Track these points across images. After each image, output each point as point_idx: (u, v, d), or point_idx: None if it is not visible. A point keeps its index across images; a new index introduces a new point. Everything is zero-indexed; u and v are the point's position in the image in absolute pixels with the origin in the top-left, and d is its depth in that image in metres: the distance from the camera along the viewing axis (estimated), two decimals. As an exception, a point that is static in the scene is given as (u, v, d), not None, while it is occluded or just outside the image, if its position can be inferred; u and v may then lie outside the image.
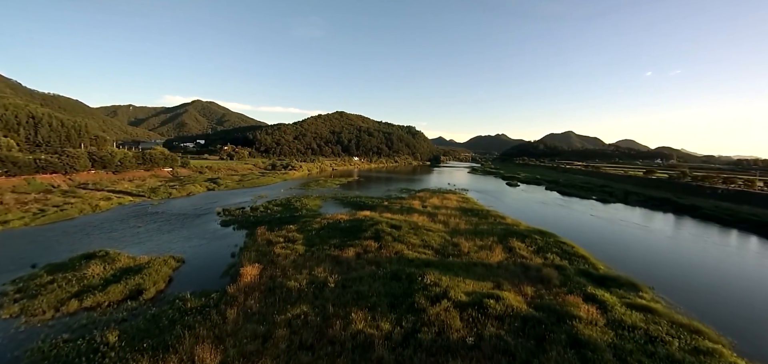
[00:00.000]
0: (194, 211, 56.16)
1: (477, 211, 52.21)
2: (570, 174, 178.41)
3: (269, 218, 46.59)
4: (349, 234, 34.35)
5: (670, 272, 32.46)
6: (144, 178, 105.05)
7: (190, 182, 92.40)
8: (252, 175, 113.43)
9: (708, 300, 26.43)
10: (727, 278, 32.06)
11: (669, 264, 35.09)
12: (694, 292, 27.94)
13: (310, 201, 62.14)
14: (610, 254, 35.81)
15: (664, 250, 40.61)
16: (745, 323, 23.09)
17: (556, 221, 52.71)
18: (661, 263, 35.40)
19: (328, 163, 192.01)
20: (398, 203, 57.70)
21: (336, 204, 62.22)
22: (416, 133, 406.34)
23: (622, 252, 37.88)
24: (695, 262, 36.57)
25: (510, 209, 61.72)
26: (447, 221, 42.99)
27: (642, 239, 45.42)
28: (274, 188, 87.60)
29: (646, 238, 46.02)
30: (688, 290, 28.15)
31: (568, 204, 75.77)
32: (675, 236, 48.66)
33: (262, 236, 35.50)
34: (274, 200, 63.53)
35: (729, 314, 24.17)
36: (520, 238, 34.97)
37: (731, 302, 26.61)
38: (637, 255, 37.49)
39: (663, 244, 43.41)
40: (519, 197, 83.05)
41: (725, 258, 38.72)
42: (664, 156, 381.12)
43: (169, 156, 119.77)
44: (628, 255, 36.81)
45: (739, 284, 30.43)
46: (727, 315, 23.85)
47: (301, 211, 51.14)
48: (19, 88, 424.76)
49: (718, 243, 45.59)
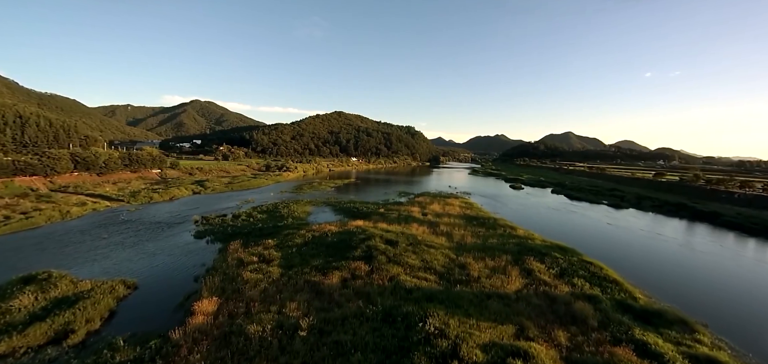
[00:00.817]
0: (170, 219, 50.82)
1: (483, 219, 46.92)
2: (574, 176, 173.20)
3: (249, 228, 41.25)
4: (336, 251, 29.05)
5: (716, 300, 27.24)
6: (129, 180, 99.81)
7: (176, 184, 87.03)
8: (244, 177, 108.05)
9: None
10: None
11: (712, 288, 29.83)
12: (756, 330, 22.70)
13: (300, 207, 56.83)
14: (643, 276, 30.57)
15: (699, 268, 35.34)
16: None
17: (571, 232, 47.49)
18: (702, 286, 30.15)
19: (326, 164, 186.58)
20: (395, 209, 52.39)
21: (327, 210, 56.92)
22: (415, 134, 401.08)
23: (655, 272, 32.57)
24: (742, 286, 31.24)
25: (518, 217, 56.50)
26: (451, 233, 37.70)
27: (671, 253, 40.11)
28: (264, 192, 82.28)
29: (674, 252, 40.71)
30: (748, 327, 22.91)
31: (578, 210, 70.56)
32: (707, 250, 43.30)
33: (234, 253, 30.16)
34: (261, 206, 58.27)
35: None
36: (537, 256, 29.69)
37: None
38: (672, 276, 32.21)
39: (697, 261, 38.09)
40: (526, 202, 77.80)
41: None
42: (666, 157, 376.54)
43: (158, 157, 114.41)
44: (662, 276, 31.51)
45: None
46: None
47: (287, 219, 45.78)
48: (16, 87, 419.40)
49: (758, 259, 40.38)
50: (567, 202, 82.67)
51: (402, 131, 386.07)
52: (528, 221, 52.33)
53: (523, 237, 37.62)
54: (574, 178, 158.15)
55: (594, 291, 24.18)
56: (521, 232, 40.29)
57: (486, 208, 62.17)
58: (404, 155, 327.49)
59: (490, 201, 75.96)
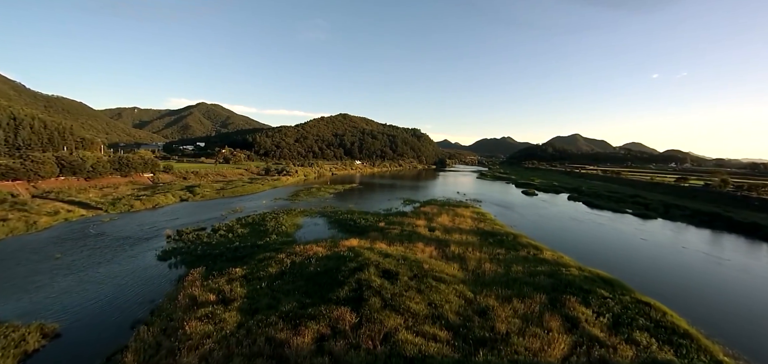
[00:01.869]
0: (142, 232, 44.81)
1: (501, 236, 40.04)
2: (587, 180, 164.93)
3: (222, 248, 34.92)
4: (318, 288, 22.50)
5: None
6: (117, 185, 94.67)
7: (163, 190, 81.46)
8: (239, 181, 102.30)
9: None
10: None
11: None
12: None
13: (290, 218, 50.45)
14: (714, 320, 23.58)
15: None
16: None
17: (605, 251, 40.33)
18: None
19: (328, 168, 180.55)
20: (398, 223, 45.74)
21: (320, 223, 50.34)
22: (421, 136, 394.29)
23: (728, 314, 25.46)
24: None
25: (539, 231, 49.44)
26: (464, 256, 30.95)
27: (734, 282, 32.77)
28: (257, 199, 76.20)
29: (737, 281, 33.38)
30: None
31: (603, 220, 63.18)
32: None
33: (189, 287, 23.79)
34: (248, 217, 52.02)
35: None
36: (579, 294, 22.81)
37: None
38: (748, 318, 25.14)
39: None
40: (544, 212, 70.40)
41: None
42: (677, 159, 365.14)
43: (150, 160, 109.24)
44: (739, 321, 24.45)
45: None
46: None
47: (270, 236, 39.32)
48: (23, 90, 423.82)
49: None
50: (587, 210, 75.25)
51: (407, 134, 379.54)
52: (552, 237, 45.33)
53: (552, 262, 30.71)
54: (589, 182, 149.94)
55: (666, 355, 17.34)
56: (548, 254, 33.35)
57: (501, 220, 55.18)
58: (410, 158, 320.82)
59: (505, 210, 68.88)
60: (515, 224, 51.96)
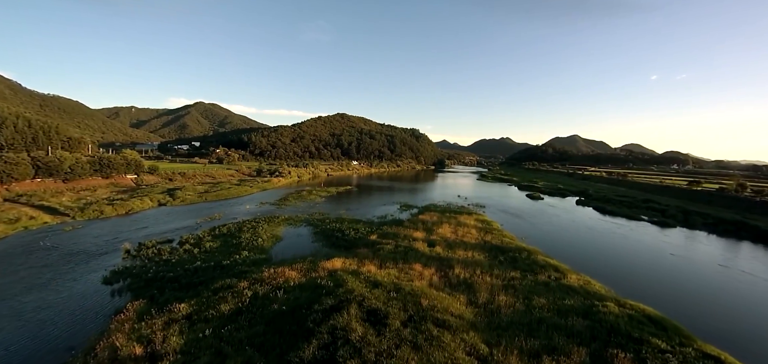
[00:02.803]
0: (98, 246, 38.92)
1: (512, 252, 34.22)
2: (592, 182, 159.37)
3: (178, 270, 29.01)
4: (279, 337, 16.68)
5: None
6: (96, 187, 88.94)
7: (143, 194, 75.59)
8: (227, 183, 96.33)
9: None
10: None
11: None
12: None
13: (270, 228, 44.54)
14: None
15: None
16: None
17: (634, 272, 34.43)
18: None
19: (324, 169, 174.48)
20: (393, 234, 39.91)
21: (304, 233, 44.27)
22: (420, 136, 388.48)
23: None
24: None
25: (555, 243, 43.65)
26: (471, 282, 25.18)
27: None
28: (241, 203, 70.27)
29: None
30: None
31: (620, 229, 57.39)
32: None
33: (116, 332, 18.00)
34: (223, 226, 46.12)
35: None
36: (628, 346, 17.05)
37: None
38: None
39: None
40: (554, 220, 64.19)
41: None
42: (679, 161, 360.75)
43: (133, 161, 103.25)
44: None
45: None
46: None
47: (241, 252, 33.38)
48: (19, 88, 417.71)
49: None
50: (599, 217, 69.49)
51: (406, 134, 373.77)
52: (570, 252, 39.58)
53: (581, 290, 24.93)
54: (595, 185, 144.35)
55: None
56: (574, 278, 27.57)
57: (509, 229, 49.31)
58: (408, 159, 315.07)
59: (511, 218, 62.99)
60: (526, 236, 46.14)
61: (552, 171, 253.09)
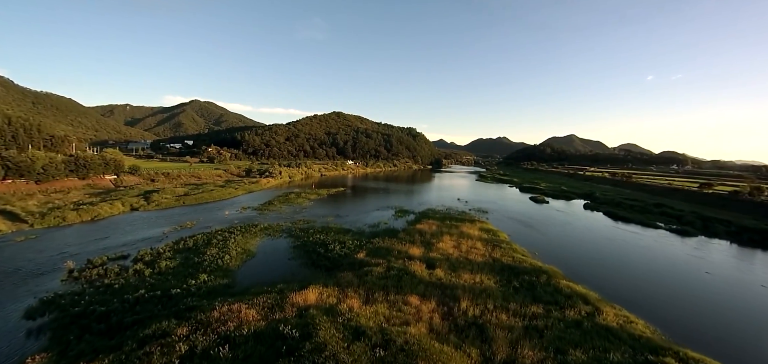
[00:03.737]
0: (38, 264, 32.74)
1: (528, 275, 28.47)
2: (595, 184, 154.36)
3: (114, 303, 23.00)
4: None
5: None
6: (69, 189, 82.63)
7: (115, 197, 69.37)
8: (211, 185, 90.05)
9: None
10: None
11: None
12: None
13: (244, 241, 38.51)
14: None
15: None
16: None
17: (675, 300, 28.69)
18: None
19: (317, 168, 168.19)
20: (385, 250, 34.01)
21: (281, 247, 38.05)
22: (417, 136, 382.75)
23: None
24: None
25: (572, 259, 37.96)
26: (484, 324, 19.41)
27: None
28: (221, 207, 64.10)
29: None
30: None
31: (640, 239, 51.85)
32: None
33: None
34: (192, 237, 40.04)
35: None
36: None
37: None
38: None
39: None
40: (569, 230, 57.23)
41: None
42: (678, 161, 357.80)
43: (112, 160, 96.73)
44: None
45: None
46: None
47: (198, 277, 27.33)
48: (11, 85, 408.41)
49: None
50: (613, 225, 63.91)
51: (403, 133, 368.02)
52: (594, 271, 33.94)
53: (625, 336, 19.23)
54: (599, 187, 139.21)
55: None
56: (611, 315, 21.84)
57: (518, 241, 43.47)
58: (405, 158, 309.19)
59: (519, 226, 57.08)
60: (539, 249, 40.40)
61: (552, 171, 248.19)
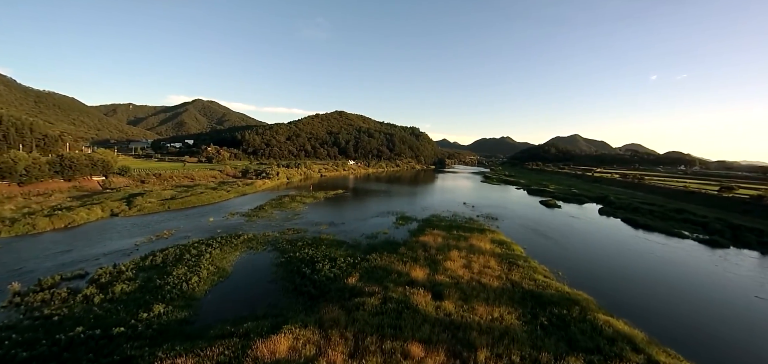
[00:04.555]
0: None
1: (557, 306, 23.19)
2: (605, 185, 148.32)
3: (42, 345, 17.99)
4: None
5: None
6: (52, 192, 78.29)
7: (97, 201, 64.80)
8: (204, 187, 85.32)
9: None
10: None
11: None
12: None
13: (220, 257, 33.40)
14: None
15: None
16: None
17: (735, 336, 23.44)
18: None
19: (317, 169, 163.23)
20: (382, 271, 28.79)
21: (261, 268, 32.62)
22: (420, 135, 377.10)
23: None
24: None
25: (607, 283, 32.49)
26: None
27: None
28: (206, 214, 59.07)
29: None
30: None
31: (672, 253, 46.24)
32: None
33: None
34: (163, 251, 35.06)
35: None
36: None
37: None
38: None
39: None
40: (591, 242, 51.11)
41: None
42: (686, 162, 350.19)
43: (101, 161, 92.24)
44: None
45: None
46: None
47: (152, 309, 22.32)
48: (13, 84, 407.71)
49: None
50: (634, 233, 58.33)
51: (406, 132, 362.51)
52: (633, 298, 28.57)
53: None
54: (609, 189, 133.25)
55: None
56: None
57: (537, 257, 37.98)
58: (408, 158, 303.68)
59: (534, 236, 51.54)
60: (562, 268, 34.98)
61: (559, 172, 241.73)
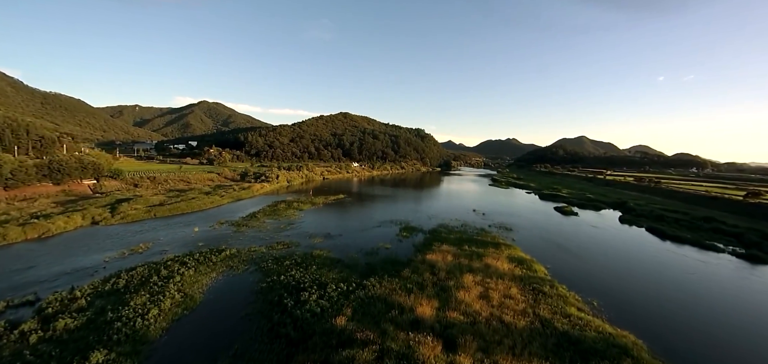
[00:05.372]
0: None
1: (604, 359, 18.11)
2: (618, 189, 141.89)
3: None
4: None
5: None
6: (40, 196, 74.56)
7: (83, 207, 60.83)
8: (198, 191, 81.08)
9: None
10: None
11: None
12: None
13: (193, 280, 28.55)
14: None
15: None
16: None
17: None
18: None
19: (319, 172, 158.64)
20: (379, 308, 23.63)
21: (236, 296, 27.68)
22: (425, 137, 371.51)
23: None
24: None
25: (652, 317, 26.96)
26: None
27: None
28: (193, 222, 54.55)
29: None
30: None
31: (712, 271, 40.57)
32: None
33: None
34: (126, 273, 30.40)
35: None
36: None
37: None
38: None
39: None
40: (623, 259, 45.71)
41: None
42: (698, 164, 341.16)
43: (90, 164, 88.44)
44: None
45: None
46: None
47: (89, 358, 17.66)
48: (20, 86, 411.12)
49: None
50: (663, 246, 52.59)
51: (411, 134, 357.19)
52: (682, 335, 23.29)
53: None
54: (624, 193, 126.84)
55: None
56: None
57: (564, 280, 32.66)
58: (413, 160, 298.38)
59: (556, 250, 45.75)
60: (595, 294, 29.69)
61: (569, 175, 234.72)
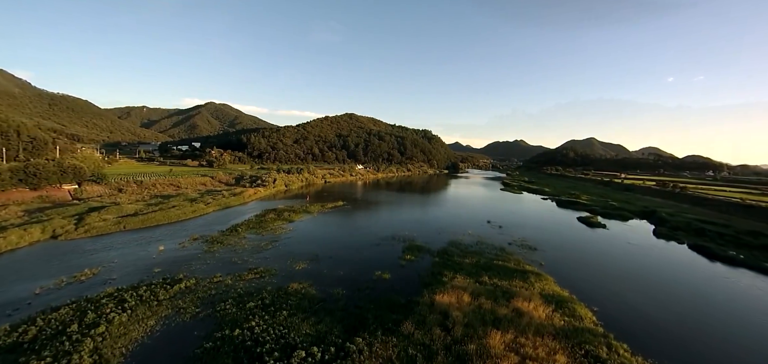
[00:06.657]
0: None
1: None
2: (640, 195, 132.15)
3: None
4: None
5: None
6: (10, 203, 68.17)
7: (49, 217, 54.18)
8: (182, 197, 74.25)
9: None
10: None
11: None
12: None
13: (119, 334, 20.76)
14: None
15: None
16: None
17: None
18: None
19: (321, 174, 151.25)
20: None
21: (175, 354, 20.31)
22: (432, 138, 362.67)
23: None
24: None
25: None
26: None
27: None
28: (162, 237, 47.21)
29: None
30: None
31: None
32: None
33: None
34: (45, 317, 23.07)
35: None
36: None
37: None
38: None
39: None
40: (671, 289, 37.53)
41: None
42: (714, 167, 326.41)
43: (71, 168, 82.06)
44: None
45: None
46: None
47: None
48: (28, 87, 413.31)
49: None
50: (713, 269, 44.02)
51: (417, 135, 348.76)
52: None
53: None
54: (648, 199, 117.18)
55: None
56: None
57: (626, 336, 24.54)
58: (419, 162, 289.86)
59: (597, 278, 37.95)
60: (666, 356, 21.77)
61: (583, 179, 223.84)
